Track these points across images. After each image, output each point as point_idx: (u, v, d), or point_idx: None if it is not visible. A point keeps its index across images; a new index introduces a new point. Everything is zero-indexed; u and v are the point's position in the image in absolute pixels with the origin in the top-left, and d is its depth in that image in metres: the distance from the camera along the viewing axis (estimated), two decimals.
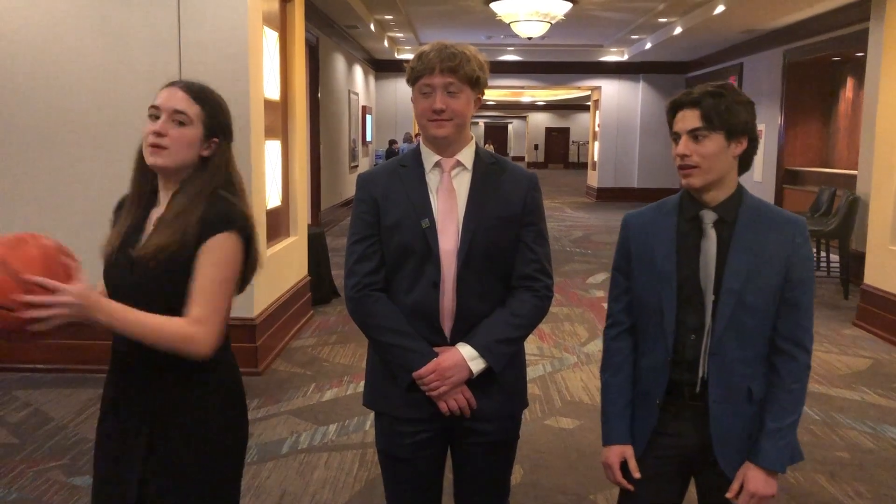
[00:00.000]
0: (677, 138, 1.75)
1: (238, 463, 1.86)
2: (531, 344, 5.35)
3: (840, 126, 10.70)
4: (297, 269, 5.79)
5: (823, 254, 7.99)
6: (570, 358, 5.22)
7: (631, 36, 13.13)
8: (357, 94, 14.09)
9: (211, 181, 1.76)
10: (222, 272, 1.70)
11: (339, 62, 12.33)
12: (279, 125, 5.42)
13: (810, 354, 1.79)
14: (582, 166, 30.45)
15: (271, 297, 5.01)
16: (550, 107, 33.43)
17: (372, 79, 16.44)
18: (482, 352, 1.83)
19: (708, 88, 1.74)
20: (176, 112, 1.73)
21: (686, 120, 1.73)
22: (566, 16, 10.31)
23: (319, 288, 6.46)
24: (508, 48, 14.73)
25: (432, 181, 1.89)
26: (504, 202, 1.87)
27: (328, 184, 11.55)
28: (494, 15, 10.34)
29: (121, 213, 1.83)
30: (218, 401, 1.78)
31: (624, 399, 1.87)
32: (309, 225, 6.51)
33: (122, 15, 4.45)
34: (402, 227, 1.84)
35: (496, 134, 35.58)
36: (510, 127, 36.61)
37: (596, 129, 17.61)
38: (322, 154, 10.91)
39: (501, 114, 34.93)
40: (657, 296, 1.79)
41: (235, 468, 1.85)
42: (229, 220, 1.72)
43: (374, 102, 16.67)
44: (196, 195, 1.73)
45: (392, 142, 15.61)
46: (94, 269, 1.75)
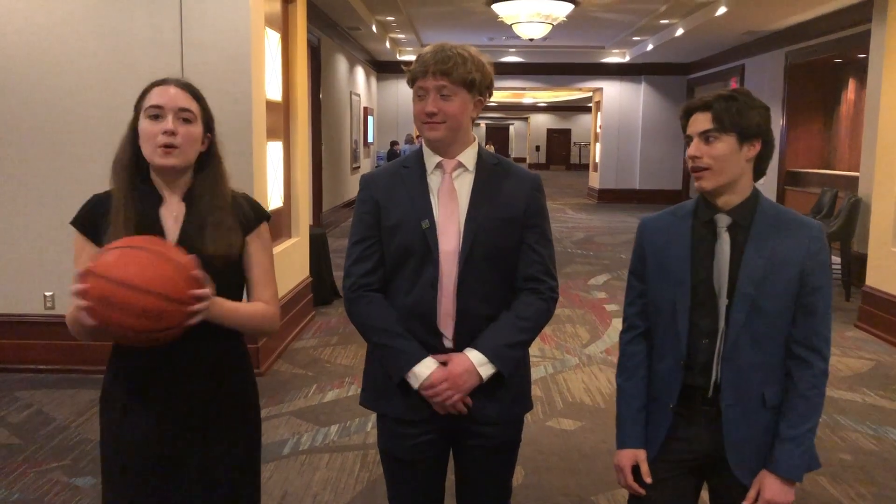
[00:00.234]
0: (689, 141, 1.75)
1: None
2: (532, 346, 5.33)
3: (842, 128, 10.70)
4: (299, 270, 5.80)
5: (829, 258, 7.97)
6: (572, 359, 5.22)
7: (632, 37, 13.13)
8: (359, 96, 14.10)
9: (224, 174, 1.83)
10: (270, 257, 1.89)
11: (341, 63, 12.34)
12: (281, 126, 5.43)
13: (827, 361, 1.77)
14: (583, 168, 30.42)
15: None
16: (552, 108, 33.44)
17: (373, 80, 16.45)
18: (491, 357, 1.82)
19: (721, 93, 1.74)
20: (181, 110, 1.73)
21: (698, 122, 1.73)
22: (568, 17, 10.30)
23: (321, 289, 6.47)
24: (510, 49, 14.74)
25: (433, 182, 1.88)
26: (506, 203, 1.86)
27: (330, 185, 11.55)
28: (496, 16, 10.34)
29: (106, 215, 1.76)
30: (253, 385, 1.93)
31: (638, 403, 1.86)
32: (310, 226, 6.51)
33: (124, 16, 4.46)
34: (403, 228, 1.85)
35: (497, 135, 35.52)
36: (511, 128, 36.58)
37: (597, 131, 17.60)
38: (324, 155, 10.91)
39: (503, 115, 34.91)
40: (671, 299, 1.79)
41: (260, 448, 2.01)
42: (262, 210, 1.88)
43: (376, 104, 16.69)
44: (226, 190, 1.81)
45: (393, 143, 15.61)
46: None
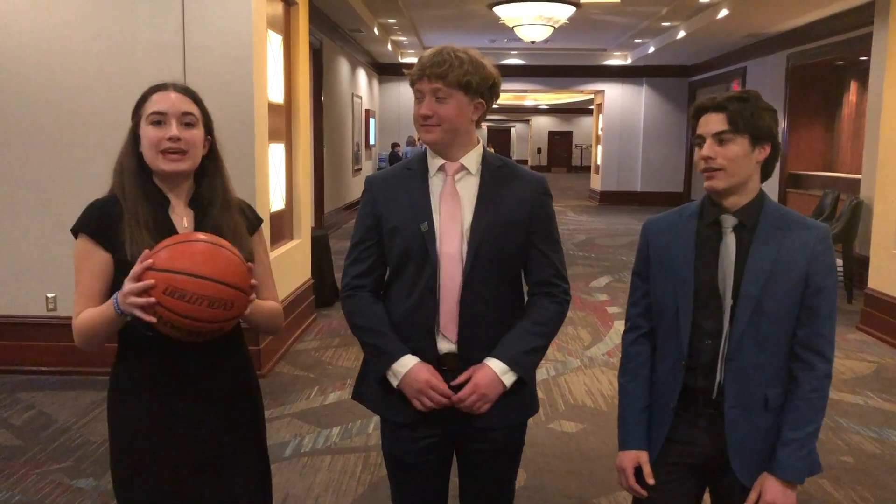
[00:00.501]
0: (701, 142, 1.74)
1: None
2: None
3: (844, 130, 10.69)
4: (301, 272, 5.80)
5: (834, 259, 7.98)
6: (574, 362, 5.22)
7: (634, 40, 13.13)
8: (360, 98, 14.11)
9: (228, 178, 1.85)
10: (268, 257, 1.96)
11: (343, 66, 12.35)
12: (283, 128, 5.43)
13: (830, 363, 1.77)
14: (585, 170, 30.40)
15: None
16: (553, 110, 33.43)
17: (375, 82, 16.46)
18: (512, 365, 1.83)
19: (733, 94, 1.73)
20: (184, 114, 1.73)
21: (711, 123, 1.73)
22: (569, 20, 10.30)
23: (322, 291, 6.47)
24: (512, 52, 14.74)
25: (436, 185, 1.88)
26: (512, 207, 1.85)
27: (331, 187, 11.56)
28: (498, 19, 10.33)
29: (119, 220, 1.74)
30: (258, 388, 1.99)
31: (640, 404, 1.86)
32: (312, 228, 6.52)
33: (127, 19, 4.46)
34: (403, 231, 1.85)
35: (499, 137, 35.51)
36: (513, 130, 36.57)
37: (599, 133, 17.60)
38: (325, 157, 10.92)
39: (504, 117, 34.90)
40: (673, 300, 1.78)
41: None
42: (257, 213, 1.94)
43: (378, 106, 16.70)
44: (233, 194, 1.84)
45: (394, 145, 15.62)
46: None
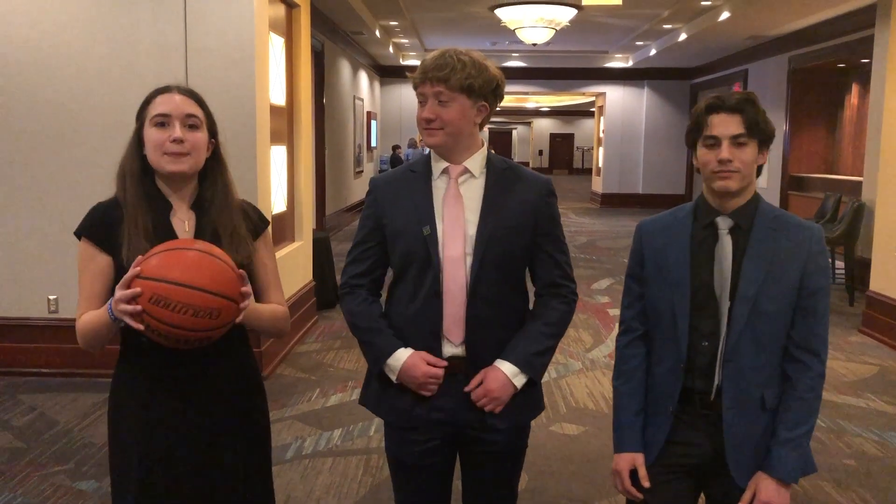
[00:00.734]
0: (714, 142, 1.72)
1: None
2: None
3: (845, 132, 10.69)
4: (302, 274, 5.80)
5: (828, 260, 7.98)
6: (575, 364, 5.22)
7: (636, 42, 13.13)
8: (362, 100, 14.12)
9: (231, 181, 1.85)
10: (275, 260, 1.94)
11: (345, 68, 12.36)
12: (285, 130, 5.44)
13: (824, 363, 1.77)
14: (586, 172, 30.39)
15: None
16: (555, 113, 33.43)
17: (377, 84, 16.48)
18: (522, 367, 1.84)
19: (742, 96, 1.73)
20: (188, 116, 1.74)
21: (727, 125, 1.71)
22: (571, 22, 10.31)
23: (324, 292, 6.47)
24: (513, 54, 14.75)
25: (439, 188, 1.88)
26: (517, 210, 1.85)
27: (333, 189, 11.57)
28: (499, 21, 10.34)
29: (119, 224, 1.74)
30: (262, 389, 1.96)
31: (635, 406, 1.85)
32: (314, 230, 6.52)
33: (129, 21, 4.47)
34: (405, 234, 1.85)
35: (500, 140, 35.51)
36: (514, 133, 36.58)
37: (600, 135, 17.59)
38: (327, 159, 10.93)
39: (506, 119, 34.90)
40: (670, 302, 1.78)
41: None
42: (263, 215, 1.92)
43: (379, 108, 16.71)
44: (235, 197, 1.84)
45: (396, 147, 15.61)
46: None
